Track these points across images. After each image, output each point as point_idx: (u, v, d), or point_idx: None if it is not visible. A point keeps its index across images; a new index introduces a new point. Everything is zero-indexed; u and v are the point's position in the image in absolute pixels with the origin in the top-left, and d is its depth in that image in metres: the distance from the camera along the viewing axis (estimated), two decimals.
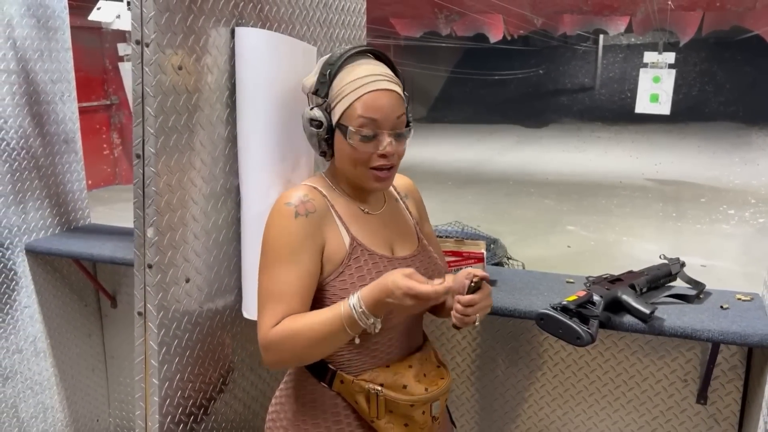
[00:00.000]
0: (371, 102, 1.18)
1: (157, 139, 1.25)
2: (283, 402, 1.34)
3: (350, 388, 1.27)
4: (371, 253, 1.26)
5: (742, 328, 1.56)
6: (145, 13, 1.22)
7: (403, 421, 1.27)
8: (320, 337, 1.16)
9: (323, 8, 1.80)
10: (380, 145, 1.20)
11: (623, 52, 19.56)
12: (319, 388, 1.29)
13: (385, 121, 1.19)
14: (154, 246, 1.28)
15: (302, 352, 1.18)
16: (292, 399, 1.32)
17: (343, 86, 1.20)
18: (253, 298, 1.47)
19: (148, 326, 1.31)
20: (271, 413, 1.37)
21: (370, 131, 1.19)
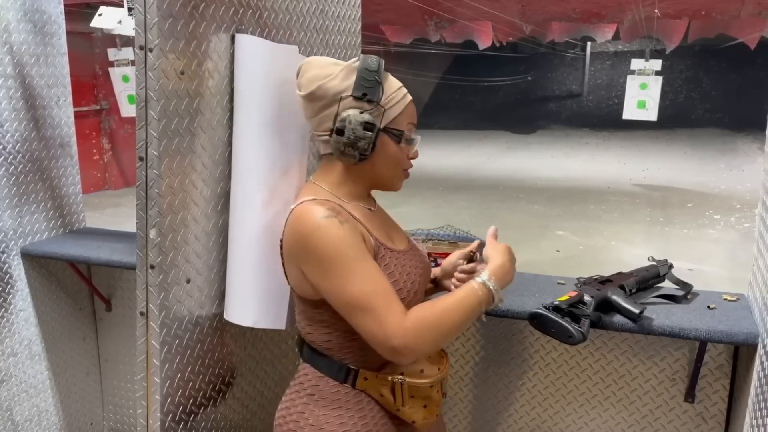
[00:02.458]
0: (413, 110, 1.34)
1: (160, 142, 1.28)
2: (299, 410, 1.35)
3: (374, 383, 1.33)
4: (391, 250, 1.33)
5: (728, 327, 1.60)
6: (149, 19, 1.25)
7: (422, 403, 1.35)
8: (461, 320, 1.25)
9: (319, 15, 1.83)
10: (413, 148, 1.35)
11: (611, 59, 19.75)
12: (342, 389, 1.33)
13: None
14: (156, 247, 1.31)
15: (442, 339, 1.24)
16: (311, 406, 1.34)
17: (393, 93, 1.29)
18: (237, 301, 1.48)
19: (150, 326, 1.33)
20: (281, 412, 1.37)
21: (413, 136, 1.34)
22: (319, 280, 1.22)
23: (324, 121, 1.29)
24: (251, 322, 1.50)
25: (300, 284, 1.29)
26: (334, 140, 1.26)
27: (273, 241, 1.46)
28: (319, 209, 1.23)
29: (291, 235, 1.26)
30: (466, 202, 9.06)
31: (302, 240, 1.22)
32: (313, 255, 1.21)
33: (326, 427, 1.31)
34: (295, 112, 1.53)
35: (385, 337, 1.19)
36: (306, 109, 1.32)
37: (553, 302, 1.57)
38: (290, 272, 1.31)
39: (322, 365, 1.34)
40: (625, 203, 9.13)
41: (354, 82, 1.26)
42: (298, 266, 1.26)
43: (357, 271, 1.20)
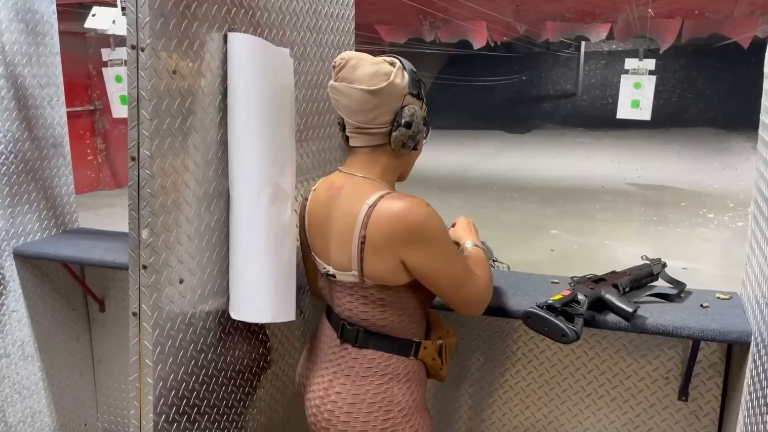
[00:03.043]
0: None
1: (152, 141, 1.27)
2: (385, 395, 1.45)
3: (430, 350, 1.51)
4: None
5: (721, 326, 1.61)
6: (141, 18, 1.24)
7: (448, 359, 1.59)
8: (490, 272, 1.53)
9: (313, 14, 1.83)
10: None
11: (605, 59, 19.80)
12: (409, 362, 1.49)
13: None
14: (149, 247, 1.30)
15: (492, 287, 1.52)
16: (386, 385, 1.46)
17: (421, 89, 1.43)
18: (243, 299, 1.49)
19: (143, 326, 1.33)
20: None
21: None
22: (428, 263, 1.35)
23: (382, 114, 1.36)
24: (270, 317, 1.53)
25: (393, 273, 1.36)
26: (400, 133, 1.37)
27: (280, 236, 1.50)
28: (413, 198, 1.35)
29: (393, 230, 1.32)
30: (461, 202, 9.07)
31: (413, 231, 1.32)
32: (427, 242, 1.33)
33: (401, 399, 1.46)
34: (285, 109, 1.53)
35: (480, 295, 1.46)
36: (367, 102, 1.35)
37: (547, 301, 1.57)
38: (379, 266, 1.35)
39: (391, 345, 1.46)
40: (620, 202, 9.15)
41: (408, 81, 1.38)
42: (399, 255, 1.34)
43: (454, 248, 1.42)
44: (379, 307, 1.41)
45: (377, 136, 1.39)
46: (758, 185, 1.69)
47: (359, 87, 1.34)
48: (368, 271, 1.36)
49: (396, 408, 1.45)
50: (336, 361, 1.49)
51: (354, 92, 1.35)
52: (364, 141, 1.40)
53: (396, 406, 1.45)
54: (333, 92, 1.40)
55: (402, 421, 1.45)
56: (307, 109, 1.85)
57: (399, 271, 1.35)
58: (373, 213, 1.32)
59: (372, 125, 1.37)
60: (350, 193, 1.38)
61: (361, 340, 1.45)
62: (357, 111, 1.36)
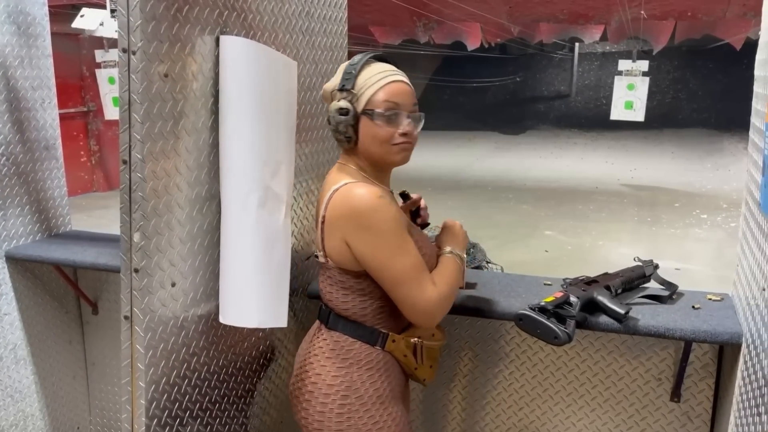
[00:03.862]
0: (394, 89, 1.43)
1: (144, 145, 1.27)
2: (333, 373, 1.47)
3: (401, 345, 1.52)
4: (415, 229, 1.55)
5: (712, 327, 1.61)
6: (132, 21, 1.24)
7: (430, 363, 1.60)
8: (456, 282, 1.49)
9: (305, 17, 1.83)
10: (401, 125, 1.43)
11: (598, 60, 19.86)
12: (373, 351, 1.49)
13: (405, 104, 1.43)
14: (140, 250, 1.30)
15: (450, 303, 1.48)
16: (345, 369, 1.47)
17: (368, 78, 1.42)
18: (232, 303, 1.48)
19: (134, 330, 1.33)
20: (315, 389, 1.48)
21: (394, 112, 1.42)
22: (369, 253, 1.38)
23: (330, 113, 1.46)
24: (256, 322, 1.51)
25: (342, 256, 1.42)
26: (330, 130, 1.46)
27: (270, 240, 1.50)
28: (372, 188, 1.38)
29: (341, 210, 1.38)
30: (456, 203, 9.08)
31: (357, 216, 1.36)
32: (368, 231, 1.37)
33: (359, 386, 1.47)
34: (282, 113, 1.53)
35: (426, 303, 1.40)
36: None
37: (539, 303, 1.58)
38: (331, 244, 1.43)
39: (355, 331, 1.48)
40: (613, 203, 9.18)
41: (340, 78, 1.44)
42: (345, 239, 1.39)
43: (404, 247, 1.39)
44: (341, 290, 1.48)
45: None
46: (749, 187, 1.70)
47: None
48: (328, 251, 1.45)
49: (353, 395, 1.46)
50: (312, 343, 1.55)
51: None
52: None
53: (353, 392, 1.46)
54: None
55: (359, 410, 1.46)
56: (300, 112, 1.85)
57: (347, 254, 1.41)
58: (335, 195, 1.41)
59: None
60: (328, 179, 1.49)
61: (331, 322, 1.51)
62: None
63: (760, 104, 1.64)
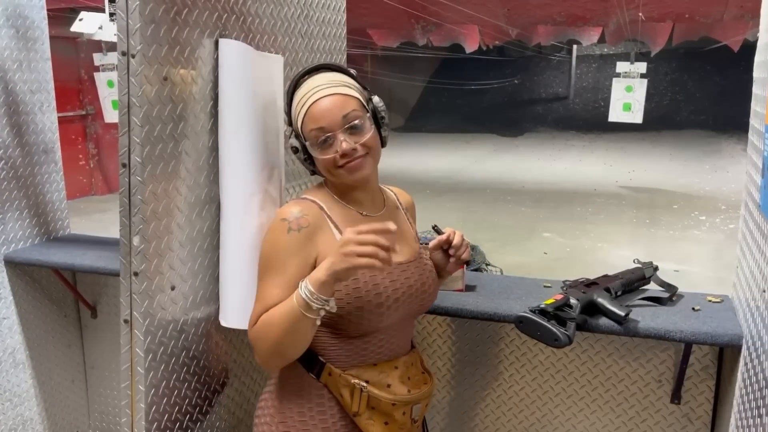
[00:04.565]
0: (313, 113, 1.28)
1: (143, 148, 1.27)
2: (271, 391, 1.39)
3: (337, 381, 1.32)
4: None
5: (712, 329, 1.61)
6: (131, 24, 1.24)
7: (383, 419, 1.34)
8: (286, 327, 1.21)
9: (304, 20, 1.83)
10: (336, 147, 1.27)
11: (596, 62, 19.91)
12: (307, 378, 1.33)
13: (331, 124, 1.27)
14: (140, 254, 1.30)
15: (276, 343, 1.23)
16: (279, 388, 1.36)
17: (294, 110, 1.33)
18: (231, 306, 1.48)
19: (134, 334, 1.32)
20: (260, 402, 1.41)
21: (322, 137, 1.28)
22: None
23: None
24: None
25: None
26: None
27: None
28: (288, 209, 1.29)
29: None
30: (453, 205, 9.08)
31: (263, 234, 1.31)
32: (261, 246, 1.30)
33: (286, 413, 1.33)
34: (273, 116, 1.53)
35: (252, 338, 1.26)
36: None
37: (539, 305, 1.58)
38: None
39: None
40: (612, 205, 9.19)
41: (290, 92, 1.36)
42: None
43: (266, 275, 1.27)
44: None
45: None
46: (748, 188, 1.70)
47: None
48: None
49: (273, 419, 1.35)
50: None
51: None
52: None
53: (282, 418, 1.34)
54: None
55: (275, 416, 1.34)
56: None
57: None
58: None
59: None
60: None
61: None
62: None
63: (759, 106, 1.64)
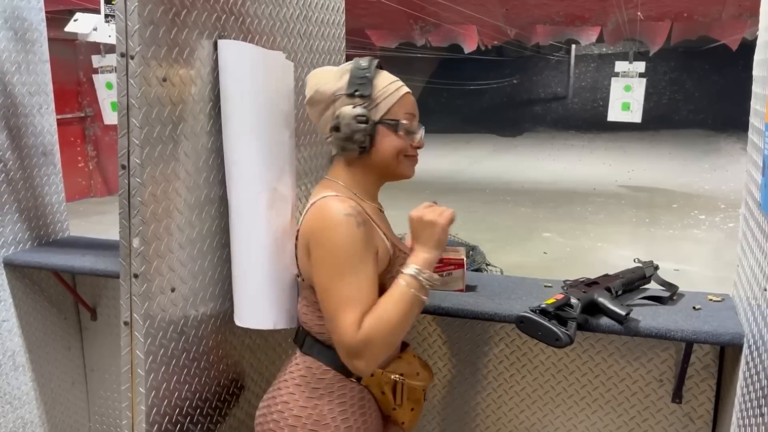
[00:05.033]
0: (409, 100, 1.39)
1: (142, 149, 1.27)
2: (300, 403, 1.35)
3: (379, 380, 1.38)
4: (404, 252, 1.40)
5: (713, 328, 1.61)
6: (130, 26, 1.24)
7: (412, 405, 1.44)
8: (404, 316, 1.26)
9: (303, 21, 1.83)
10: (416, 137, 1.40)
11: (595, 62, 19.90)
12: (347, 384, 1.36)
13: (418, 118, 1.41)
14: (139, 256, 1.29)
15: (395, 336, 1.26)
16: (315, 399, 1.35)
17: (386, 86, 1.35)
18: (246, 305, 1.49)
19: (134, 335, 1.32)
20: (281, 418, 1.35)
21: (414, 125, 1.39)
22: (316, 271, 1.28)
23: (326, 122, 1.36)
24: (271, 324, 1.51)
25: (308, 271, 1.32)
26: (334, 137, 1.34)
27: (279, 241, 1.49)
28: (342, 205, 1.28)
29: (311, 224, 1.30)
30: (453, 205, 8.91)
31: (319, 230, 1.27)
32: (322, 246, 1.26)
33: (330, 422, 1.33)
34: (283, 114, 1.53)
35: (344, 342, 1.23)
36: (311, 114, 1.40)
37: (540, 305, 1.57)
38: (303, 261, 1.34)
39: (331, 358, 1.34)
40: (611, 204, 9.19)
41: (347, 82, 1.33)
42: (308, 250, 1.30)
43: (348, 274, 1.25)
44: (316, 311, 1.35)
45: (331, 143, 1.38)
46: (748, 187, 1.70)
47: (306, 101, 1.40)
48: (300, 266, 1.37)
49: (319, 427, 1.33)
50: (286, 366, 1.45)
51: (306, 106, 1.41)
52: (333, 150, 1.41)
53: (320, 425, 1.33)
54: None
55: None
56: (298, 115, 1.84)
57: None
58: (311, 209, 1.33)
59: (325, 134, 1.39)
60: (313, 194, 1.39)
61: (306, 346, 1.39)
62: (315, 124, 1.42)
63: (759, 104, 1.64)
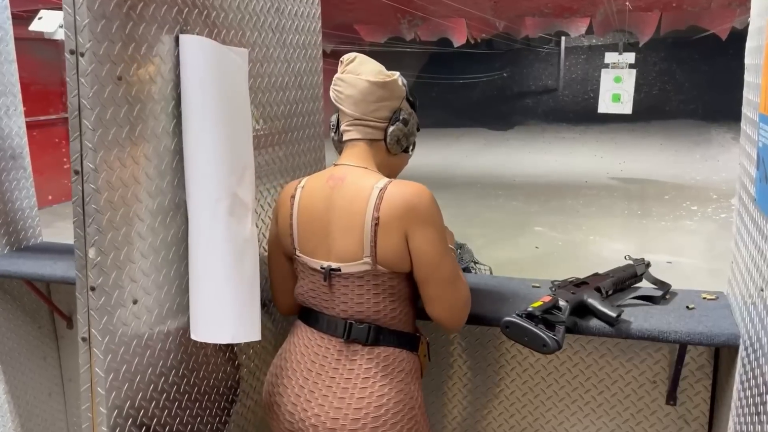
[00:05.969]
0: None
1: (96, 153, 1.18)
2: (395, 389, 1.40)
3: (424, 347, 1.53)
4: None
5: (708, 329, 1.54)
6: (79, 21, 1.15)
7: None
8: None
9: (275, 13, 1.74)
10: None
11: (585, 54, 19.84)
12: (416, 359, 1.48)
13: None
14: (96, 267, 1.21)
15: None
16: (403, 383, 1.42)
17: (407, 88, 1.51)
18: (203, 318, 1.40)
19: (93, 352, 1.24)
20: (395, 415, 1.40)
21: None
22: (430, 249, 1.36)
23: (382, 109, 1.43)
24: (229, 337, 1.43)
25: (400, 257, 1.36)
26: (397, 128, 1.44)
27: (240, 250, 1.41)
28: (424, 186, 1.38)
29: (402, 206, 1.34)
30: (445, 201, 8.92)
31: (423, 212, 1.35)
32: (431, 225, 1.36)
33: (417, 396, 1.45)
34: (240, 115, 1.45)
35: (464, 304, 1.43)
36: (371, 94, 1.42)
37: (527, 309, 1.50)
38: (388, 246, 1.35)
39: (399, 341, 1.43)
40: (603, 197, 9.14)
41: (407, 89, 1.50)
42: (407, 234, 1.35)
43: (449, 247, 1.42)
44: (390, 296, 1.41)
45: (375, 130, 1.45)
46: (742, 181, 1.63)
47: (366, 78, 1.42)
48: (381, 254, 1.36)
49: (416, 406, 1.43)
50: (346, 366, 1.42)
51: (361, 83, 1.42)
52: (361, 133, 1.45)
53: (416, 402, 1.44)
54: (338, 84, 1.45)
55: (422, 420, 1.45)
56: (272, 113, 1.76)
57: (405, 253, 1.36)
58: (385, 195, 1.35)
59: (371, 118, 1.44)
60: (356, 180, 1.40)
61: (372, 338, 1.42)
62: (360, 101, 1.42)
63: (752, 94, 1.57)
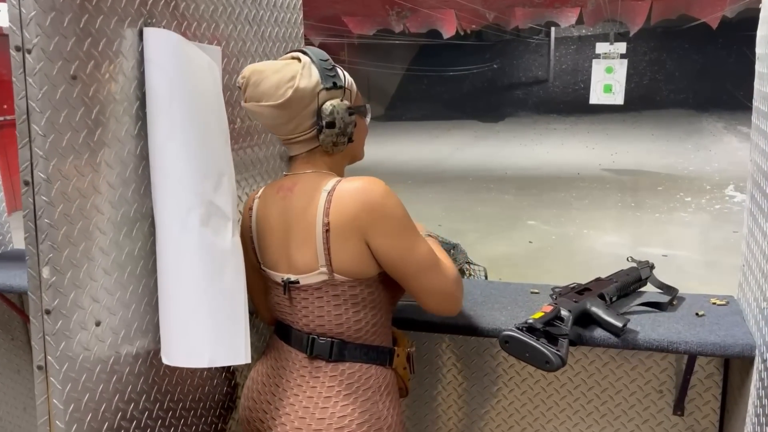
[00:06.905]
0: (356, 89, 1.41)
1: (48, 162, 1.06)
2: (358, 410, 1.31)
3: (402, 359, 1.42)
4: None
5: (720, 338, 1.44)
6: (24, 13, 1.02)
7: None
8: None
9: (252, 4, 1.62)
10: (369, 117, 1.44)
11: (575, 44, 19.78)
12: (388, 373, 1.38)
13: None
14: (51, 288, 1.08)
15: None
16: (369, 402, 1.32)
17: (344, 74, 1.36)
18: (175, 340, 1.27)
19: (50, 382, 1.12)
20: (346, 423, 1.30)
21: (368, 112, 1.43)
22: (394, 243, 1.26)
23: (302, 121, 1.30)
24: (207, 361, 1.28)
25: (361, 261, 1.27)
26: (327, 134, 1.30)
27: (218, 263, 1.28)
28: (374, 178, 1.27)
29: (353, 208, 1.24)
30: (436, 195, 8.89)
31: (376, 208, 1.25)
32: (390, 219, 1.26)
33: (387, 415, 1.34)
34: (215, 116, 1.32)
35: (454, 285, 1.32)
36: (280, 116, 1.29)
37: (527, 321, 1.39)
38: (345, 252, 1.26)
39: (367, 355, 1.34)
40: (596, 189, 9.06)
41: (319, 75, 1.30)
42: (365, 238, 1.25)
43: (418, 233, 1.31)
44: (353, 307, 1.31)
45: (307, 141, 1.34)
46: (754, 177, 1.53)
47: (267, 104, 1.28)
48: (336, 262, 1.27)
49: (384, 425, 1.33)
50: (309, 383, 1.33)
51: (264, 110, 1.29)
52: (299, 149, 1.36)
53: (384, 423, 1.33)
54: (248, 114, 1.40)
55: None
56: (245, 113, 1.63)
57: (366, 257, 1.27)
58: (333, 198, 1.26)
59: (296, 134, 1.33)
60: (305, 188, 1.32)
61: (336, 354, 1.32)
62: (276, 126, 1.32)
63: (764, 85, 1.46)
